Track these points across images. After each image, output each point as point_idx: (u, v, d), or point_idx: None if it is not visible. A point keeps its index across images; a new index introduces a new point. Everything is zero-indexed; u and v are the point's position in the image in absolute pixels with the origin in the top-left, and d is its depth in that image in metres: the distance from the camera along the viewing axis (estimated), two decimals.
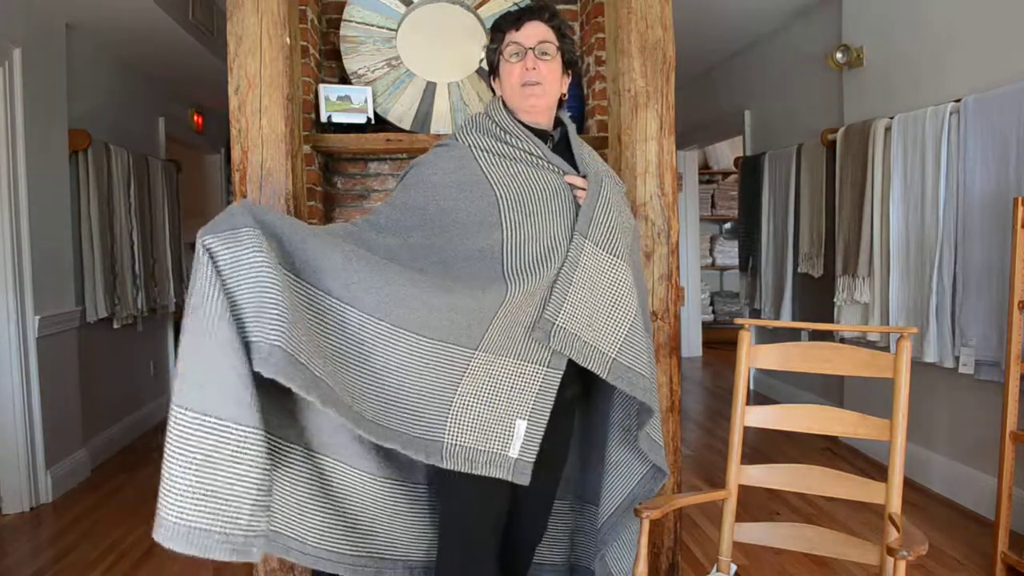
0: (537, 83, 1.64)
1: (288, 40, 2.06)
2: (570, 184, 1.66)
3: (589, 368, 1.62)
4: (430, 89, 2.67)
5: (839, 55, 3.91)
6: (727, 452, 1.84)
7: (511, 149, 1.65)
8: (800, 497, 3.27)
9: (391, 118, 2.63)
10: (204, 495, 1.18)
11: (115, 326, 4.17)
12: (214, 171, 6.50)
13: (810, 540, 1.75)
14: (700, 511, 3.17)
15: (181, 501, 1.17)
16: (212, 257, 1.25)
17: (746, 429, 1.83)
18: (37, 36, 3.45)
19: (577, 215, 1.64)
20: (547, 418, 1.59)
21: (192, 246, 1.42)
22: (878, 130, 3.47)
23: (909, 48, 3.47)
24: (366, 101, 2.56)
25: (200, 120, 5.97)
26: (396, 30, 2.66)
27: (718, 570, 1.81)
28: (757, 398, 5.21)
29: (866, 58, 3.79)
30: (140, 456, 4.24)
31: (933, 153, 3.15)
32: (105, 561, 2.83)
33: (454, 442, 1.50)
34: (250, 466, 1.21)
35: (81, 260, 3.85)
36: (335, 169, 2.77)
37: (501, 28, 1.69)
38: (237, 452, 1.19)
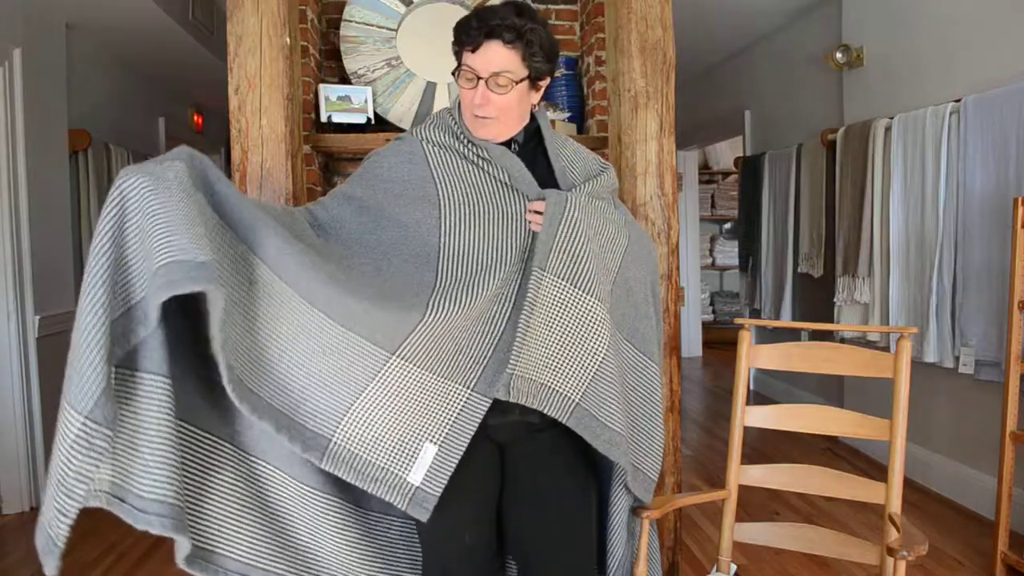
0: (489, 117, 1.48)
1: (288, 40, 2.06)
2: (531, 211, 1.48)
3: (548, 413, 1.45)
4: (430, 89, 2.67)
5: (839, 55, 3.90)
6: (727, 452, 1.84)
7: (464, 148, 1.53)
8: (800, 497, 3.27)
9: (391, 118, 2.63)
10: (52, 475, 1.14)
11: None
12: None
13: (810, 540, 1.75)
14: (700, 511, 3.17)
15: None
16: (123, 197, 1.15)
17: (746, 429, 1.83)
18: (37, 36, 3.45)
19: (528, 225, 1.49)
20: (463, 449, 1.40)
21: None
22: (878, 130, 3.47)
23: (909, 48, 3.47)
24: (366, 101, 2.56)
25: (200, 120, 5.97)
26: (396, 30, 2.66)
27: (718, 570, 1.81)
28: (757, 398, 5.21)
29: (866, 58, 3.79)
30: None
31: (933, 153, 3.15)
32: (105, 561, 2.83)
33: (343, 445, 1.34)
34: (70, 452, 1.10)
35: (81, 260, 3.85)
36: (335, 169, 2.77)
37: (460, 40, 1.48)
38: (66, 435, 1.11)
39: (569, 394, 1.46)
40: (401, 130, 2.61)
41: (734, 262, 7.14)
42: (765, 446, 4.04)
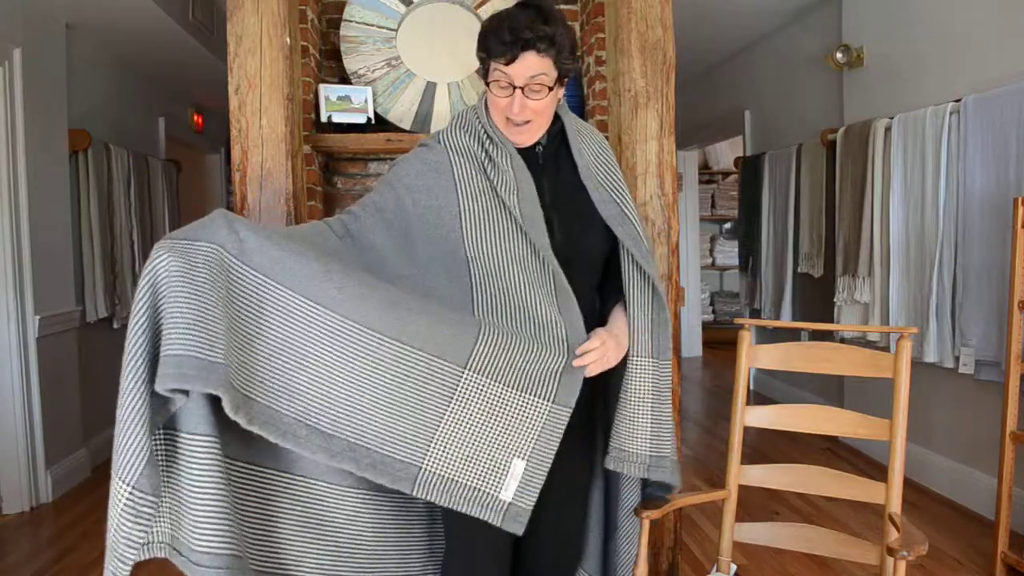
0: (526, 122, 1.51)
1: (288, 40, 2.06)
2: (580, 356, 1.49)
3: (651, 476, 1.59)
4: (430, 89, 2.67)
5: (839, 55, 3.90)
6: (727, 452, 1.84)
7: (482, 156, 1.54)
8: (800, 497, 3.27)
9: (391, 118, 2.63)
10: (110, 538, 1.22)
11: (115, 326, 4.16)
12: (214, 171, 6.50)
13: (810, 540, 1.75)
14: (700, 511, 3.17)
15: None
16: (155, 276, 1.21)
17: (746, 429, 1.83)
18: (37, 36, 3.45)
19: (542, 213, 1.52)
20: (551, 460, 1.43)
21: None
22: (878, 130, 3.47)
23: (909, 48, 3.47)
24: (366, 101, 2.56)
25: (200, 120, 5.97)
26: (396, 30, 2.66)
27: (718, 570, 1.81)
28: (757, 398, 5.21)
29: (866, 58, 3.79)
30: None
31: (933, 153, 3.15)
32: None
33: (434, 470, 1.37)
34: (124, 520, 1.19)
35: (81, 260, 3.85)
36: (335, 169, 2.77)
37: (488, 51, 1.48)
38: (116, 504, 1.19)
39: (654, 451, 1.59)
40: (401, 130, 2.61)
41: (734, 262, 7.14)
42: (765, 446, 4.04)
